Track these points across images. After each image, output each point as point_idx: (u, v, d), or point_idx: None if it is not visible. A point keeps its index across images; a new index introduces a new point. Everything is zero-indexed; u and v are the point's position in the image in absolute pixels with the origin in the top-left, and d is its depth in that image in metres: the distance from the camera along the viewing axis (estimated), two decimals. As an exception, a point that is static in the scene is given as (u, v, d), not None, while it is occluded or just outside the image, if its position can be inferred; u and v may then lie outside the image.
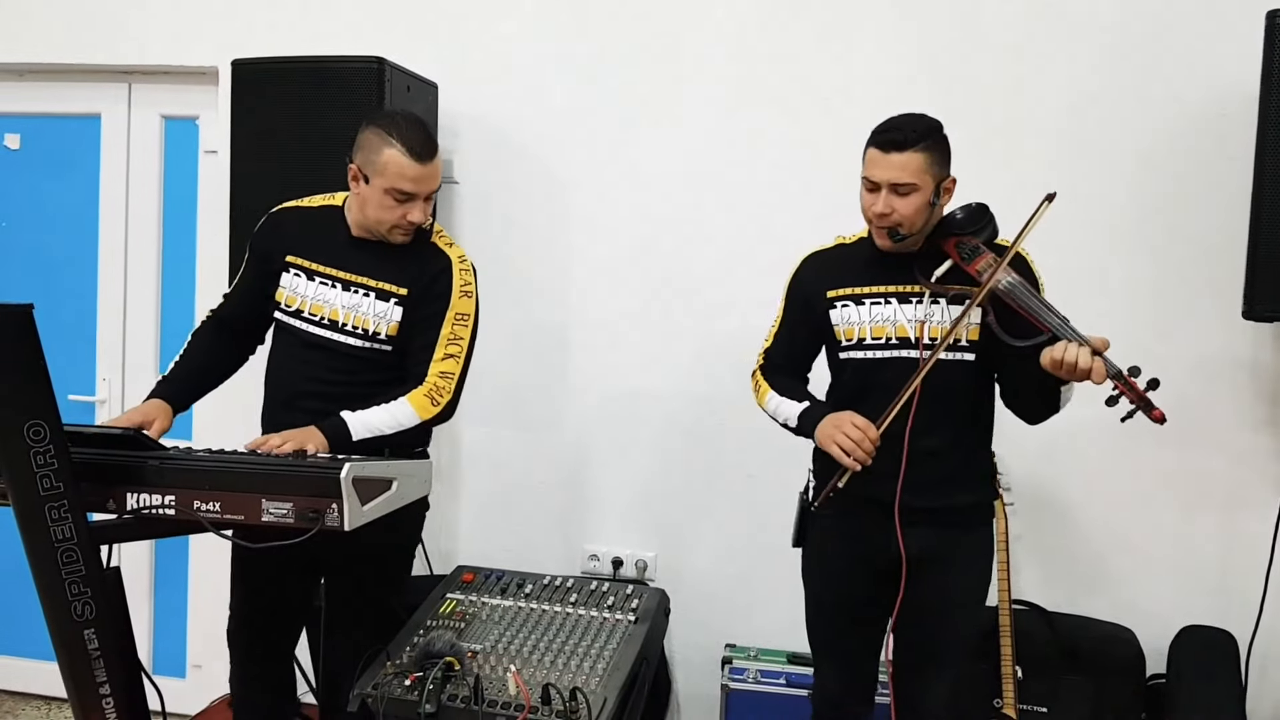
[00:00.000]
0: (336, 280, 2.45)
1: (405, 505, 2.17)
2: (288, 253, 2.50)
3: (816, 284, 2.38)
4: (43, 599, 1.93)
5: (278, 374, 2.54)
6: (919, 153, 2.16)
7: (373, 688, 2.18)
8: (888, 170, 2.17)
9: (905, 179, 2.16)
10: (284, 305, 2.49)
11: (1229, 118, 2.88)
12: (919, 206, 2.19)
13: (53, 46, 3.61)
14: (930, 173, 2.18)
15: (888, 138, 2.18)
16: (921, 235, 2.27)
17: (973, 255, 2.22)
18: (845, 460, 2.18)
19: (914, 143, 2.16)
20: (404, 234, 2.41)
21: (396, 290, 2.43)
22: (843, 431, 2.19)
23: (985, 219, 2.26)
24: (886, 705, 2.48)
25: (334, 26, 3.42)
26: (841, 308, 2.33)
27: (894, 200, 2.18)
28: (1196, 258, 2.95)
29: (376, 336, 2.43)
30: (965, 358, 2.25)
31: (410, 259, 2.45)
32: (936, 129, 2.22)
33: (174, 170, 3.68)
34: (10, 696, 3.82)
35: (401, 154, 2.31)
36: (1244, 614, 2.91)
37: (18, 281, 3.73)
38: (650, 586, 2.59)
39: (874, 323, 2.28)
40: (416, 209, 2.37)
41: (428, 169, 2.35)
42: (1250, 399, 2.95)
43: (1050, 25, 3.01)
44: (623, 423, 3.35)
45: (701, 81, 3.23)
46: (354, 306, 2.44)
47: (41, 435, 1.85)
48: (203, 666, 3.60)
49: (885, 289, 2.29)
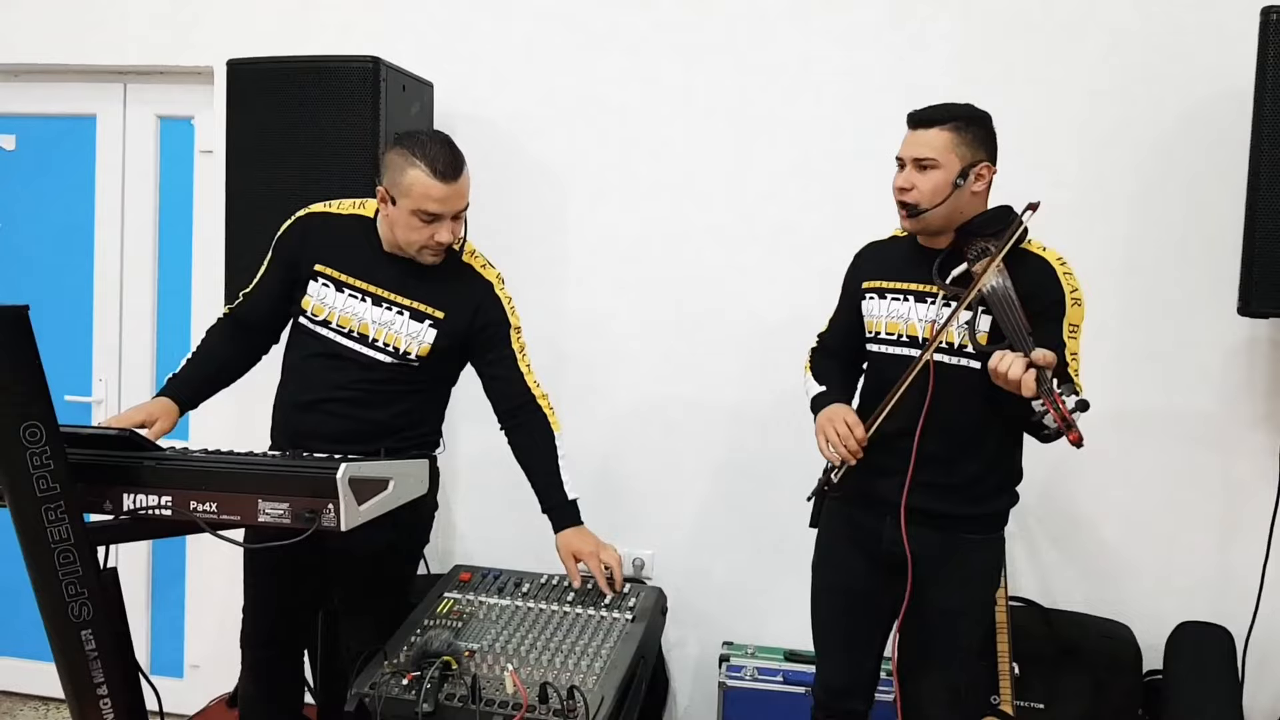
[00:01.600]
0: (367, 294, 2.43)
1: (417, 507, 2.17)
2: (316, 260, 2.46)
3: (859, 273, 2.43)
4: (40, 600, 1.93)
5: (300, 376, 2.49)
6: (945, 130, 2.19)
7: (370, 687, 2.18)
8: (912, 146, 2.22)
9: (927, 154, 2.19)
10: (310, 314, 2.46)
11: (1223, 114, 2.88)
12: (938, 184, 2.19)
13: (48, 47, 3.60)
14: (956, 152, 2.19)
15: (918, 115, 2.24)
16: (944, 222, 2.23)
17: (979, 258, 2.19)
18: (825, 452, 2.26)
19: (941, 120, 2.20)
20: (434, 254, 2.38)
21: (433, 313, 2.42)
22: (832, 426, 2.25)
23: (1000, 222, 2.21)
24: (886, 703, 2.49)
25: (330, 26, 3.42)
26: (869, 299, 2.36)
27: (914, 176, 2.20)
28: (1192, 254, 2.95)
29: (407, 356, 2.42)
30: (974, 364, 2.21)
31: (447, 280, 2.44)
32: (971, 113, 2.24)
33: (169, 170, 3.68)
34: (8, 697, 3.82)
35: (426, 174, 2.28)
36: (1241, 610, 2.92)
37: (13, 282, 3.72)
38: (647, 585, 2.59)
39: (889, 318, 2.30)
40: (444, 229, 2.33)
41: (453, 188, 2.30)
42: (1246, 395, 2.95)
43: (1047, 25, 3.01)
44: (619, 422, 3.35)
45: (701, 79, 3.23)
46: (387, 324, 2.41)
47: (38, 436, 1.84)
48: (200, 667, 3.60)
49: (909, 286, 2.29)
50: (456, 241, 2.39)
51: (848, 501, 2.36)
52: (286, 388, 2.53)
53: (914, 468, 2.22)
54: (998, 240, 2.18)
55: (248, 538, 2.16)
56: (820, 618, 2.48)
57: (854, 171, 3.09)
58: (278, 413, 2.54)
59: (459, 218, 2.36)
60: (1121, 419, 3.00)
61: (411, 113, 3.13)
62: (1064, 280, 2.21)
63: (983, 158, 2.22)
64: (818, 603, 2.48)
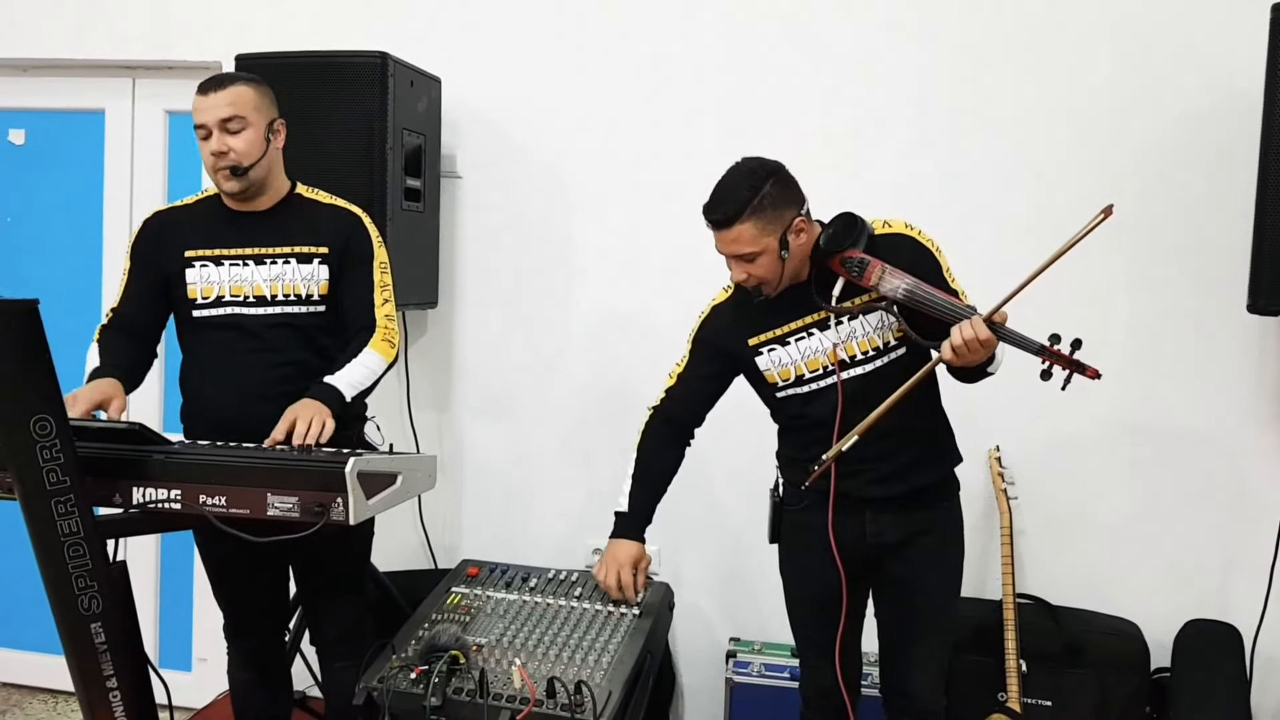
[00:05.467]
0: (246, 258, 2.45)
1: None
2: (184, 249, 2.47)
3: (732, 335, 2.37)
4: (49, 593, 1.94)
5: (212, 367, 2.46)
6: (745, 223, 2.16)
7: (378, 681, 2.18)
8: (728, 244, 2.21)
9: (746, 250, 2.18)
10: (200, 299, 2.45)
11: (1234, 111, 2.87)
12: (770, 265, 2.20)
13: (57, 42, 3.61)
14: (767, 233, 2.17)
15: (711, 219, 2.21)
16: (794, 278, 2.27)
17: (861, 269, 2.19)
18: (605, 584, 2.40)
19: (734, 218, 2.16)
20: (227, 178, 2.40)
21: (317, 250, 2.47)
22: (613, 567, 2.40)
23: (856, 228, 2.23)
24: (875, 697, 2.50)
25: (337, 21, 3.42)
26: (769, 353, 2.33)
27: (746, 266, 2.21)
28: (1201, 251, 2.94)
29: (311, 299, 2.46)
30: (896, 356, 2.26)
31: (313, 219, 2.50)
32: (755, 190, 2.17)
33: (178, 165, 3.67)
34: (17, 690, 3.83)
35: (195, 94, 2.39)
36: (1249, 608, 2.91)
37: (23, 277, 3.73)
38: (655, 580, 2.59)
39: (806, 357, 2.30)
40: (213, 140, 2.37)
41: (211, 98, 2.36)
42: (1255, 392, 2.94)
43: (1055, 22, 3.00)
44: (625, 416, 3.33)
45: (705, 77, 3.22)
46: (277, 277, 2.45)
47: (47, 430, 1.85)
48: (209, 660, 3.61)
49: (805, 321, 2.30)
50: (236, 156, 2.37)
51: (814, 506, 2.34)
52: (211, 392, 2.47)
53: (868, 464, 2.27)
54: (857, 246, 2.20)
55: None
56: (804, 626, 2.48)
57: (855, 171, 3.09)
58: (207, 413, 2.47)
59: (230, 131, 2.37)
60: (1130, 417, 3.00)
61: (419, 108, 3.14)
62: (922, 240, 2.27)
63: (791, 215, 2.20)
64: (800, 610, 2.48)
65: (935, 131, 3.07)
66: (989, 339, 2.05)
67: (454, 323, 3.45)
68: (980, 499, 3.03)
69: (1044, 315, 2.24)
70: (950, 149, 3.07)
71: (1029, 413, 2.98)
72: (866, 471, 2.27)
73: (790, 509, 2.42)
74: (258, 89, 2.44)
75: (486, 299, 3.43)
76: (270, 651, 2.68)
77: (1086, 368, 2.06)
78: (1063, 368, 2.07)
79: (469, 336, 3.45)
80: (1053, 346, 2.07)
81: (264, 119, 2.42)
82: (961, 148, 3.07)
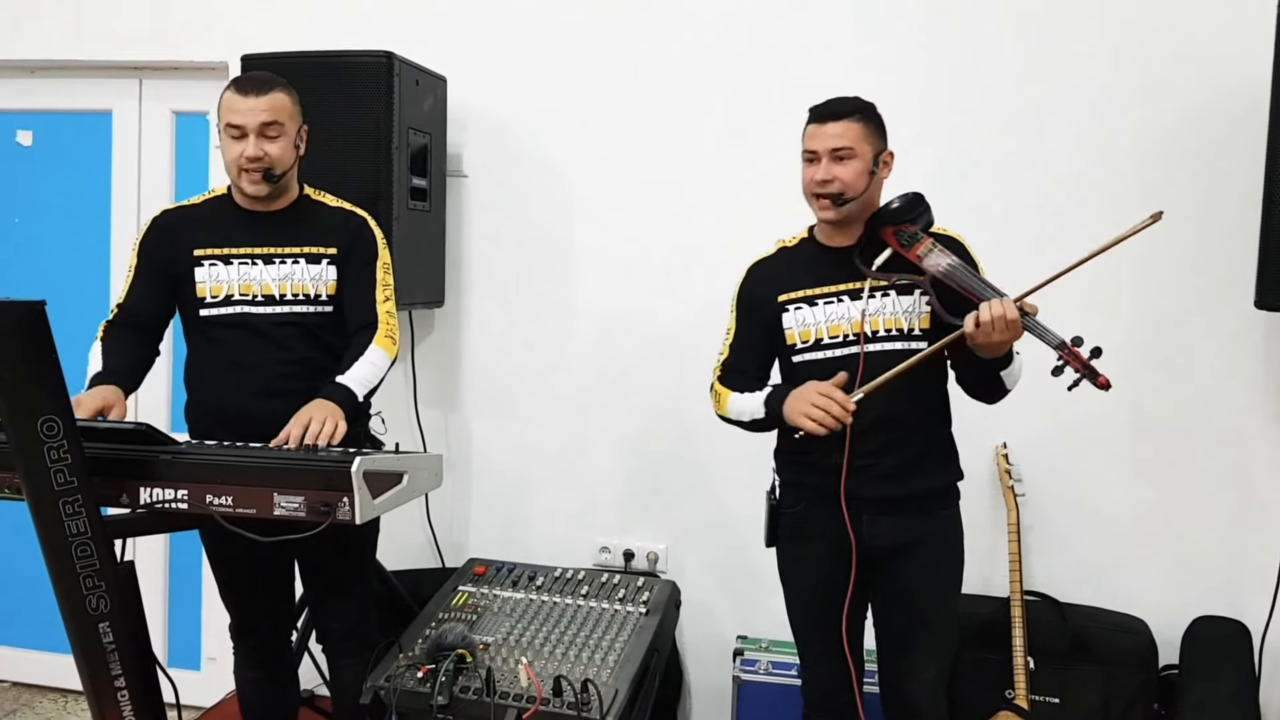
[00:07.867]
0: (255, 257, 2.47)
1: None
2: (193, 248, 2.48)
3: (765, 290, 2.39)
4: (58, 593, 1.95)
5: (222, 365, 2.46)
6: (854, 122, 2.26)
7: (385, 680, 2.19)
8: (826, 139, 2.26)
9: (843, 144, 2.25)
10: (208, 298, 2.46)
11: (1238, 107, 2.86)
12: (858, 172, 2.26)
13: (64, 43, 3.62)
14: (868, 141, 2.27)
15: (824, 109, 2.30)
16: (862, 210, 2.30)
17: (911, 242, 2.27)
18: (819, 431, 2.17)
19: (849, 112, 2.27)
20: (252, 181, 2.41)
21: (326, 251, 2.49)
22: (810, 402, 2.19)
23: (921, 206, 2.31)
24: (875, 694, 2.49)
25: (344, 21, 3.42)
26: (795, 311, 2.34)
27: (834, 167, 2.26)
28: (1207, 247, 2.93)
29: (319, 299, 2.48)
30: (916, 346, 2.26)
31: (322, 220, 2.53)
32: (870, 105, 2.32)
33: (185, 165, 3.68)
34: (27, 689, 3.85)
35: (230, 91, 2.40)
36: (1257, 605, 2.90)
37: (30, 278, 3.74)
38: (661, 579, 2.60)
39: (830, 322, 2.31)
40: (250, 144, 2.37)
41: (253, 101, 2.37)
42: (1262, 388, 2.93)
43: (1061, 19, 2.99)
44: (633, 415, 3.35)
45: (709, 76, 3.22)
46: (286, 276, 2.47)
47: (55, 431, 1.86)
48: (217, 659, 3.63)
49: (837, 288, 2.32)
50: (270, 161, 2.39)
51: (812, 506, 2.35)
52: (220, 390, 2.47)
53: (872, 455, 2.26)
54: (916, 224, 2.28)
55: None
56: (806, 628, 2.48)
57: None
58: (214, 409, 2.48)
59: (268, 137, 2.39)
60: (1137, 413, 2.99)
61: (425, 107, 3.14)
62: (969, 250, 2.33)
63: (884, 146, 2.32)
64: (801, 612, 2.48)
65: (936, 131, 3.06)
66: (1015, 320, 2.06)
67: (460, 322, 3.45)
68: (987, 495, 3.02)
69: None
70: (951, 149, 3.06)
71: (1036, 409, 2.97)
72: (869, 467, 2.26)
73: (787, 511, 2.41)
74: (293, 96, 2.47)
75: (492, 297, 3.43)
76: (277, 650, 2.69)
77: (1099, 375, 2.06)
78: (1075, 369, 2.07)
79: (475, 335, 3.45)
80: (1073, 346, 2.08)
81: (295, 126, 2.46)
82: (962, 147, 3.06)
